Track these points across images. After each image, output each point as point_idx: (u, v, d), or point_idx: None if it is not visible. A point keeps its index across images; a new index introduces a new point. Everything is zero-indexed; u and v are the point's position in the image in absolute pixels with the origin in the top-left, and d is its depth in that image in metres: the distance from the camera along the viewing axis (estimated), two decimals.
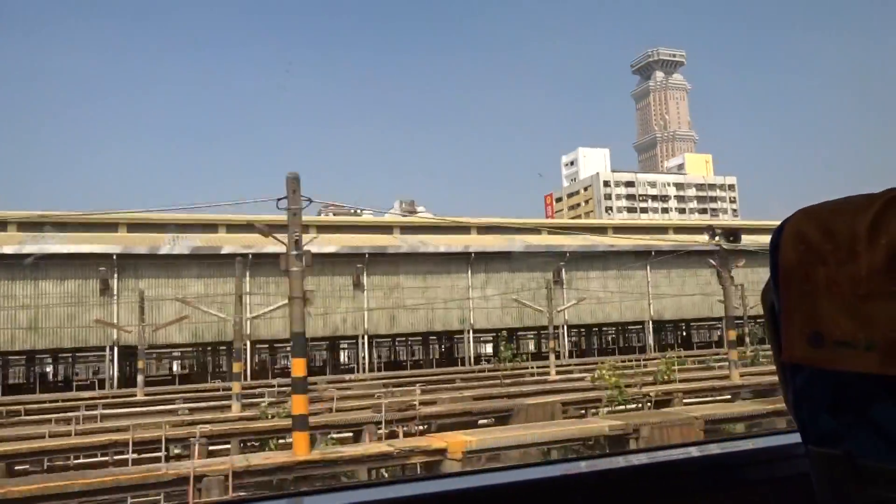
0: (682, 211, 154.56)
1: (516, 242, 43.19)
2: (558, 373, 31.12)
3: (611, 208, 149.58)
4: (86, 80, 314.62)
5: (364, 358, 39.38)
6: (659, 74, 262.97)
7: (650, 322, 46.00)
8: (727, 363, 30.17)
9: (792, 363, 0.80)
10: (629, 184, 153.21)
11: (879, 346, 0.69)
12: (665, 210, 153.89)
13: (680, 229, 60.10)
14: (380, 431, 17.14)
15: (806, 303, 0.76)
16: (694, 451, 1.43)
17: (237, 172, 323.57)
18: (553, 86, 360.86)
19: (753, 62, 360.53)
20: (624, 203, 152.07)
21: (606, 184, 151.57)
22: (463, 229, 45.14)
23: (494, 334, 42.45)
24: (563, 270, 43.48)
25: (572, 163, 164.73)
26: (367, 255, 39.26)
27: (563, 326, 43.76)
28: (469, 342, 41.64)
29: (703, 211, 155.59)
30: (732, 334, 22.45)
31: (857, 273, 0.72)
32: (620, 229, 58.35)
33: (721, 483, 1.26)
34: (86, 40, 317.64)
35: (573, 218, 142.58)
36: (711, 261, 26.84)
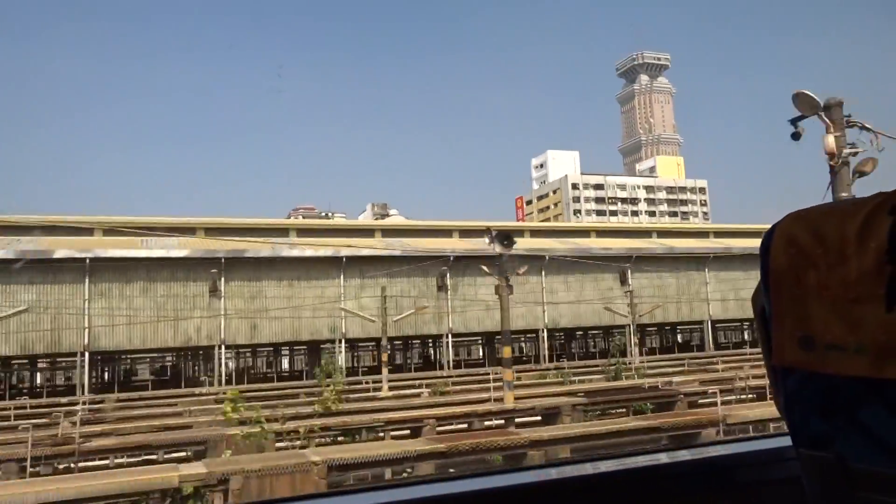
0: (652, 213, 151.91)
1: (395, 246, 40.57)
2: (392, 388, 28.49)
3: (579, 211, 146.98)
4: (79, 84, 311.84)
5: (221, 370, 36.69)
6: (644, 78, 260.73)
7: (545, 330, 43.31)
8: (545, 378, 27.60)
9: (783, 366, 0.80)
10: (598, 186, 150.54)
11: (869, 350, 0.69)
12: (635, 213, 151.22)
13: (603, 233, 57.55)
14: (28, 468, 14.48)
15: (797, 306, 0.77)
16: (685, 454, 1.39)
17: (229, 175, 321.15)
18: (538, 88, 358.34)
19: (739, 66, 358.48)
20: (593, 206, 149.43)
21: (575, 186, 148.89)
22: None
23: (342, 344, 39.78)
24: (448, 276, 40.82)
25: (542, 165, 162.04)
26: (223, 260, 36.60)
27: (446, 336, 41.12)
28: (341, 352, 38.95)
29: (674, 214, 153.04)
30: (508, 352, 19.72)
31: (847, 277, 0.71)
32: (538, 232, 55.81)
33: (712, 486, 1.25)
34: (80, 44, 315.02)
35: (542, 221, 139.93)
36: (484, 267, 24.10)
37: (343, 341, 38.88)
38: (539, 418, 19.46)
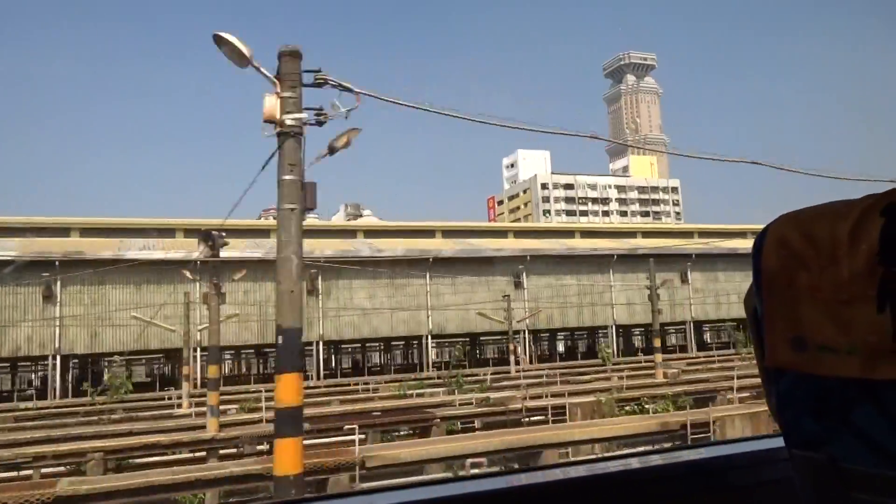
0: (623, 213, 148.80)
1: (264, 247, 37.66)
2: (192, 404, 25.56)
3: (549, 211, 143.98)
4: (74, 85, 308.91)
5: (56, 382, 33.76)
6: (630, 78, 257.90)
7: (429, 336, 40.38)
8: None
9: (775, 367, 0.80)
10: (568, 186, 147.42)
11: (861, 351, 0.69)
12: (606, 213, 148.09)
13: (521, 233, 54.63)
14: None
15: (789, 308, 0.77)
16: (676, 456, 1.36)
17: (220, 176, 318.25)
18: (523, 89, 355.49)
19: (726, 66, 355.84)
20: (563, 206, 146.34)
21: (545, 186, 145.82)
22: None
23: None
24: (320, 279, 37.92)
25: (513, 165, 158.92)
26: (57, 263, 33.68)
27: (317, 343, 38.20)
28: (196, 361, 36.02)
29: (646, 213, 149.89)
30: (214, 370, 16.65)
31: (838, 278, 0.71)
32: (450, 232, 52.87)
33: (704, 488, 1.24)
34: (75, 46, 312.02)
35: (513, 221, 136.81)
36: (187, 273, 21.18)
37: (199, 349, 35.95)
38: (266, 447, 16.55)
